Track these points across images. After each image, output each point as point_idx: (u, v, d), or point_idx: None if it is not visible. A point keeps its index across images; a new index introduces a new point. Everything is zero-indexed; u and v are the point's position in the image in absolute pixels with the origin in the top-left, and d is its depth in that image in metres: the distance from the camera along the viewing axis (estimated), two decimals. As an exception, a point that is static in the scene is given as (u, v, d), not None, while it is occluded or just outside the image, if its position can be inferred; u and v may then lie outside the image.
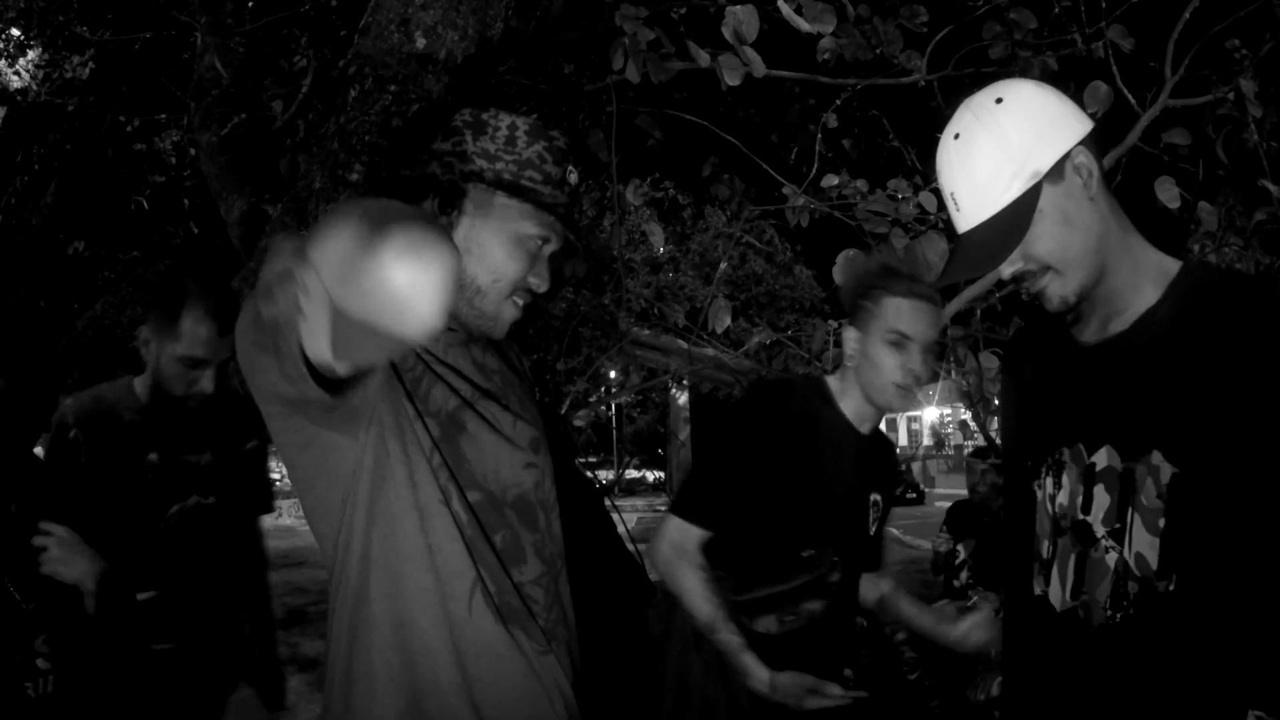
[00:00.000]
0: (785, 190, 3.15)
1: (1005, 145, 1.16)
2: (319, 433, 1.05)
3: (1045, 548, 1.24)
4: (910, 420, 35.91)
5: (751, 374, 3.37)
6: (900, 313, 1.75)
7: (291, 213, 2.18)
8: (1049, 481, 1.25)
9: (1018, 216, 1.15)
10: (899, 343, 1.74)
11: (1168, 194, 2.79)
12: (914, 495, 22.10)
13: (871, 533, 1.92)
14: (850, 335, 1.81)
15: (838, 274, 2.72)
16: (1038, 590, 1.25)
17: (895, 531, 16.08)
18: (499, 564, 1.14)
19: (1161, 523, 1.13)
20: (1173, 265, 1.22)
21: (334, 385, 0.91)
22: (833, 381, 1.88)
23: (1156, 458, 1.13)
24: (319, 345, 0.77)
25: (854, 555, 1.87)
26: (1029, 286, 1.20)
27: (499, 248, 1.16)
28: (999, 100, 1.19)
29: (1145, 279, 1.20)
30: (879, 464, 1.93)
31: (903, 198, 2.91)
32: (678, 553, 1.81)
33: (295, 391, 0.90)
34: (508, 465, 1.20)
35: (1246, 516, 1.10)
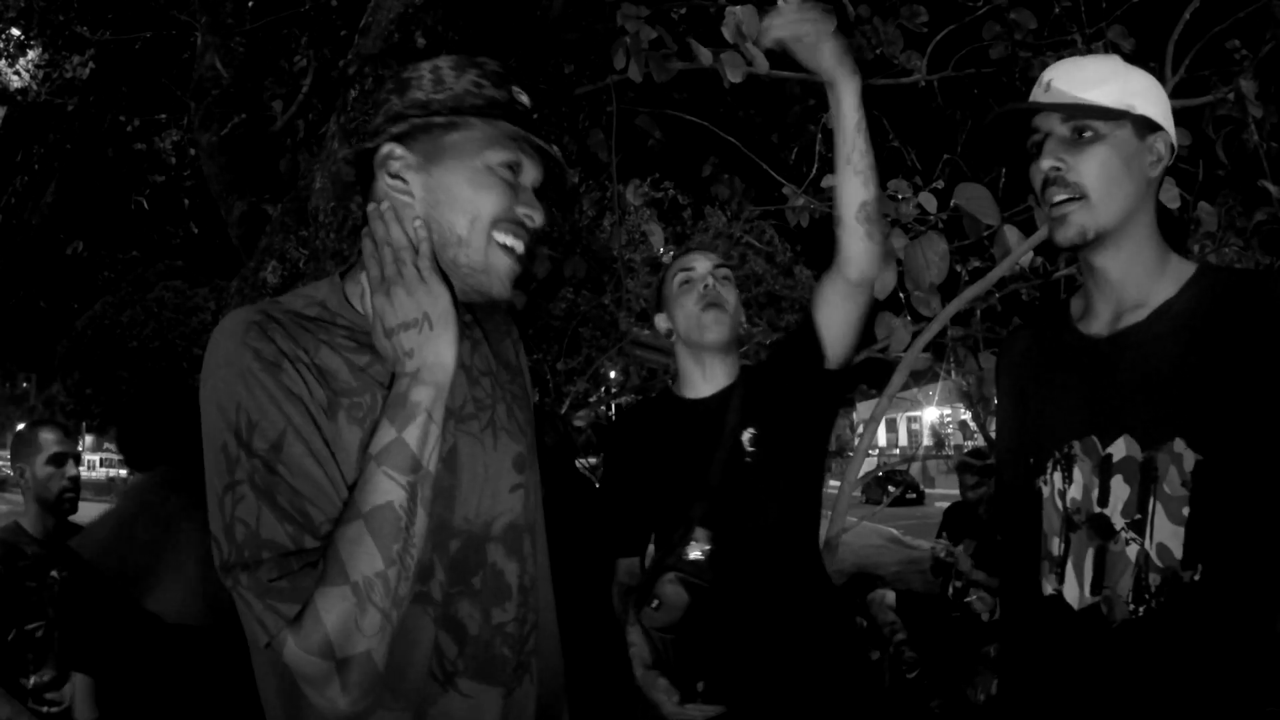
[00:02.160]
0: (785, 190, 3.15)
1: (1125, 77, 1.22)
2: None
3: (1056, 545, 1.22)
4: (910, 420, 35.92)
5: (751, 374, 3.36)
6: (677, 260, 1.88)
7: (291, 213, 2.18)
8: (1057, 477, 1.23)
9: (1096, 109, 1.18)
10: (687, 277, 1.82)
11: (1168, 194, 2.78)
12: (914, 495, 22.09)
13: (755, 465, 1.74)
14: (660, 320, 1.89)
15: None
16: (1049, 590, 1.22)
17: (895, 531, 16.08)
18: (476, 609, 1.05)
19: (1186, 511, 1.11)
20: (1189, 266, 1.23)
21: None
22: (677, 378, 1.92)
23: (1179, 445, 1.12)
24: None
25: (736, 512, 1.71)
26: (1054, 198, 1.20)
27: (465, 184, 1.04)
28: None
29: (1163, 274, 1.22)
30: (756, 397, 1.79)
31: (903, 198, 2.90)
32: (620, 594, 1.88)
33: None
34: (491, 494, 1.10)
35: (1272, 501, 1.10)
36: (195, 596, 2.21)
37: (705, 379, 1.82)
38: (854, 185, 1.59)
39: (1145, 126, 1.21)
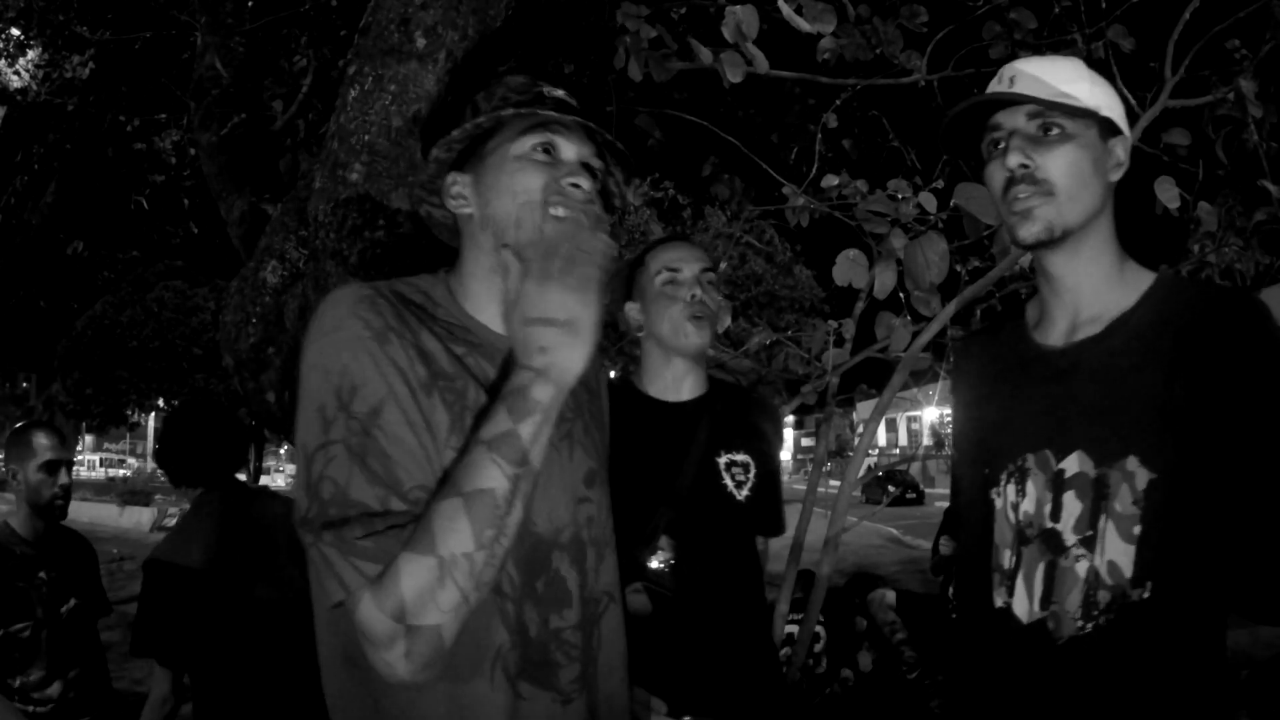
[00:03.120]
0: (785, 190, 3.15)
1: (1091, 79, 1.22)
2: None
3: (1007, 558, 1.20)
4: (910, 420, 35.91)
5: (751, 374, 3.37)
6: (662, 253, 1.80)
7: (291, 213, 2.18)
8: (1010, 489, 1.22)
9: (1069, 106, 1.18)
10: (673, 278, 1.77)
11: (1168, 194, 2.78)
12: (914, 495, 22.09)
13: (740, 496, 1.76)
14: (631, 310, 1.84)
15: (837, 274, 2.72)
16: (999, 602, 1.20)
17: (895, 531, 16.09)
18: (536, 613, 1.07)
19: (1137, 530, 1.10)
20: (1148, 276, 1.22)
21: None
22: (640, 371, 1.88)
23: (1132, 463, 1.11)
24: None
25: (703, 530, 1.72)
26: (1020, 194, 1.18)
27: (505, 175, 1.12)
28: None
29: (1120, 283, 1.21)
30: (730, 422, 1.80)
31: (903, 198, 2.90)
32: None
33: None
34: (561, 504, 1.12)
35: (1222, 523, 1.08)
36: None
37: (675, 383, 1.81)
38: None
39: (1109, 129, 1.22)
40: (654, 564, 1.68)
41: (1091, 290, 1.21)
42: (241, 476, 2.59)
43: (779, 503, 1.90)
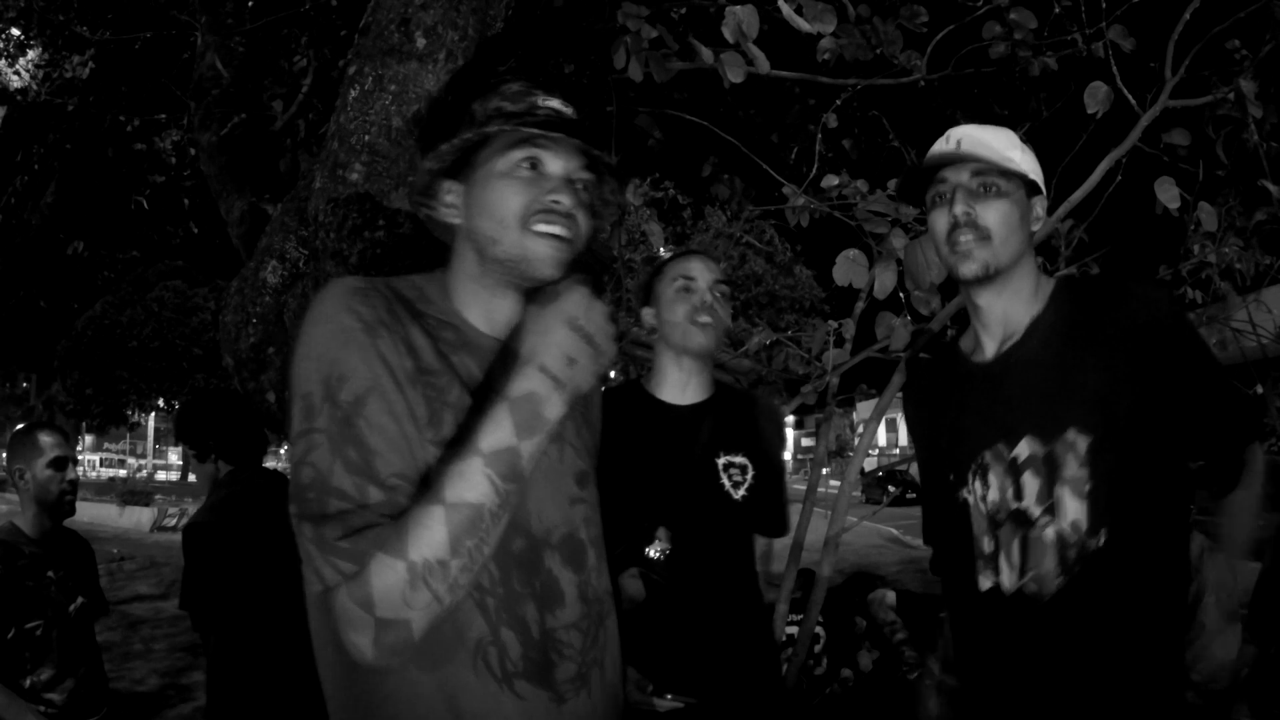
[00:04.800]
0: (785, 190, 3.14)
1: (1021, 149, 1.44)
2: None
3: (987, 544, 1.38)
4: (910, 420, 35.81)
5: (751, 374, 3.37)
6: (680, 264, 1.91)
7: (291, 213, 2.18)
8: (977, 485, 1.40)
9: (1003, 169, 1.39)
10: (686, 285, 1.87)
11: (1168, 194, 2.79)
12: (914, 495, 22.06)
13: (736, 496, 1.83)
14: (648, 315, 1.95)
15: (838, 274, 2.72)
16: (986, 585, 1.38)
17: (895, 531, 16.08)
18: (534, 610, 1.09)
19: (1087, 488, 1.30)
20: (1051, 282, 1.45)
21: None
22: (651, 374, 1.98)
23: (1071, 434, 1.31)
24: None
25: (698, 525, 1.80)
26: (962, 238, 1.39)
27: (489, 190, 1.14)
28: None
29: (1033, 296, 1.44)
30: (731, 425, 1.88)
31: (903, 198, 2.90)
32: None
33: None
34: (553, 504, 1.14)
35: (1149, 467, 1.30)
36: None
37: (683, 385, 1.91)
38: None
39: (1032, 190, 1.44)
40: (651, 553, 1.77)
41: (1013, 313, 1.43)
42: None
43: (782, 504, 1.96)
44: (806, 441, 44.45)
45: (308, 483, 0.98)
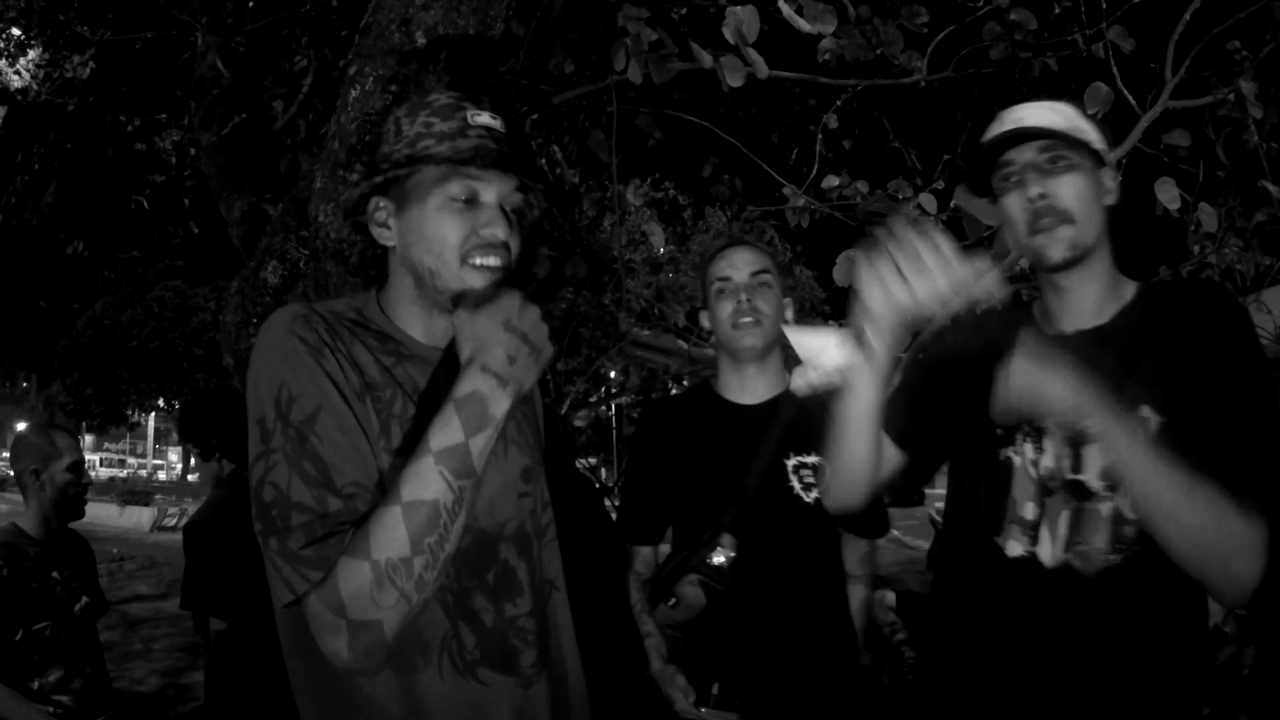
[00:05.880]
0: (785, 191, 3.14)
1: (1084, 120, 1.37)
2: None
3: (1030, 510, 1.33)
4: (910, 421, 35.78)
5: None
6: (714, 264, 1.87)
7: (291, 213, 2.18)
8: (1028, 448, 1.35)
9: (1070, 139, 1.32)
10: (722, 287, 1.84)
11: (1168, 195, 2.78)
12: (914, 495, 22.02)
13: (808, 498, 1.77)
14: (704, 318, 1.91)
15: (838, 274, 2.72)
16: (1017, 551, 1.33)
17: (895, 531, 16.09)
18: (489, 602, 1.13)
19: None
20: (1133, 285, 1.40)
21: None
22: (717, 376, 1.94)
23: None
24: None
25: (766, 528, 1.74)
26: (1043, 225, 1.31)
27: (426, 222, 1.14)
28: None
29: (1119, 288, 1.39)
30: (803, 424, 1.79)
31: (903, 198, 2.90)
32: (637, 584, 1.90)
33: None
34: (502, 498, 1.19)
35: (1223, 454, 1.24)
36: None
37: (744, 385, 1.87)
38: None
39: (1099, 161, 1.37)
40: (715, 560, 1.70)
41: (1093, 301, 1.37)
42: None
43: (875, 501, 1.84)
44: (806, 442, 44.30)
45: (269, 501, 1.02)
